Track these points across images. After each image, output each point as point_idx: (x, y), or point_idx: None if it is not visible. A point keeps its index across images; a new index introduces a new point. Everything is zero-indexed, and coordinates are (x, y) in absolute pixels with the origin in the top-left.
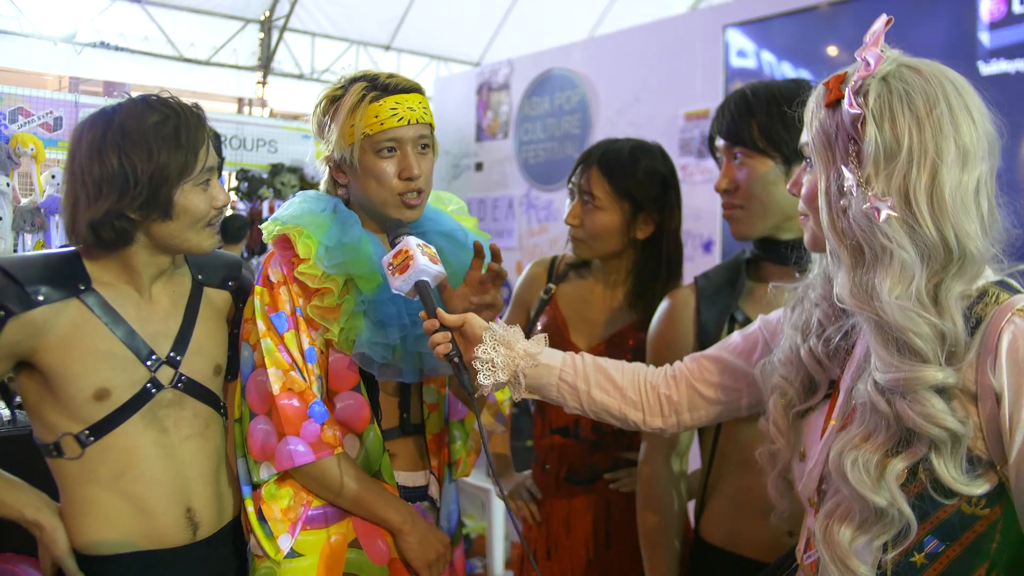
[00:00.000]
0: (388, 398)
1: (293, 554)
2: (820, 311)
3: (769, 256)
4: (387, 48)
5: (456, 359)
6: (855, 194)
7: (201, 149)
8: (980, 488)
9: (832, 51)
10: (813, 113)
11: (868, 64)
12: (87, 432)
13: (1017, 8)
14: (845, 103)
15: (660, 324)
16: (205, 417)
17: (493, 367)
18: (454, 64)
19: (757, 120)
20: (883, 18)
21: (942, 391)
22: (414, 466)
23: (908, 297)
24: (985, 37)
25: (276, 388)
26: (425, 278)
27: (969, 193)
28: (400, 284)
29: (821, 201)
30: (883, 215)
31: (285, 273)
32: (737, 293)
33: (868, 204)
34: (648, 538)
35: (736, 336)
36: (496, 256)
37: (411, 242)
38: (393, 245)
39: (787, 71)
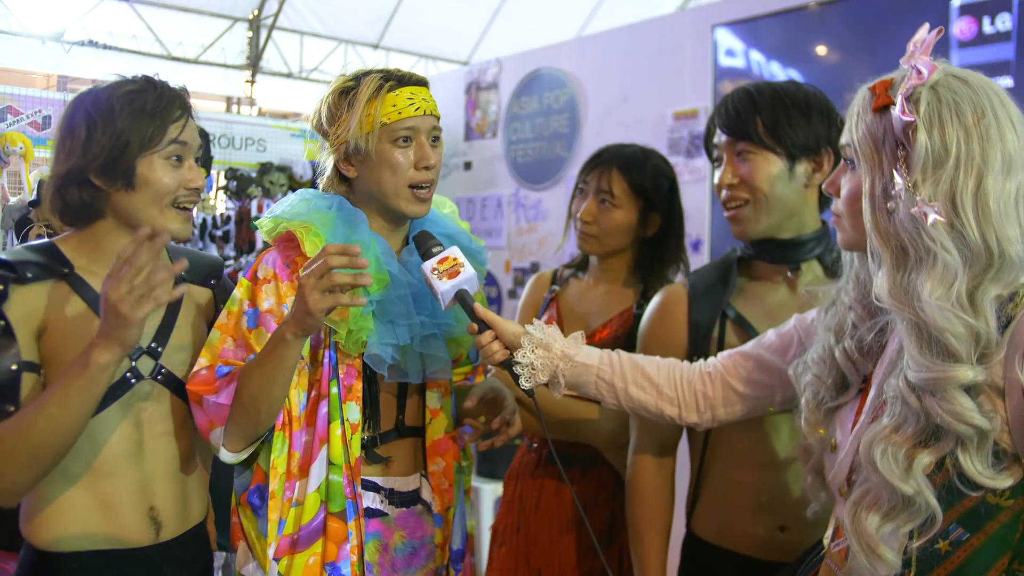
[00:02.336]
0: (387, 399)
1: None
2: (854, 314)
3: (761, 255)
4: (375, 47)
5: (513, 365)
6: (903, 198)
7: (172, 124)
8: (1005, 482)
9: (821, 51)
10: (859, 116)
11: (920, 73)
12: None
13: (987, 28)
14: (897, 110)
15: (652, 320)
16: (182, 415)
17: (533, 370)
18: (443, 63)
19: (762, 116)
20: (925, 28)
21: (970, 388)
22: (407, 470)
23: (948, 298)
24: (955, 57)
25: (193, 369)
26: (466, 287)
27: (1011, 200)
28: (447, 289)
29: (865, 203)
30: (930, 219)
31: (278, 272)
32: (729, 290)
33: (916, 208)
34: (635, 529)
35: (771, 333)
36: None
37: (457, 250)
38: (428, 255)
39: (776, 71)
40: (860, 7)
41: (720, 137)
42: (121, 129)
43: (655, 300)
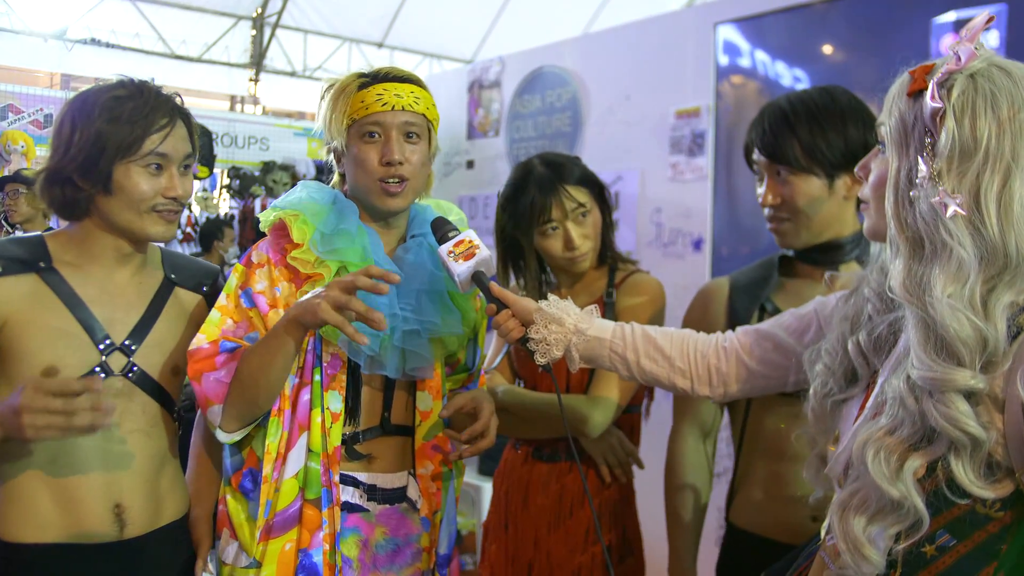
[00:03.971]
0: (373, 394)
1: (254, 563)
2: (871, 305)
3: (801, 257)
4: (380, 45)
5: (527, 342)
6: (925, 186)
7: (154, 134)
8: (994, 493)
9: (826, 49)
10: (894, 100)
11: (959, 59)
12: None
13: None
14: (927, 95)
15: (694, 309)
16: (153, 415)
17: (547, 345)
18: (447, 61)
19: (799, 138)
20: (984, 14)
21: (969, 395)
22: (393, 467)
23: (960, 298)
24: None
25: (192, 345)
26: (482, 268)
27: None
28: (463, 270)
29: (889, 189)
30: (950, 211)
31: (270, 256)
32: (769, 286)
33: (937, 198)
34: (671, 513)
35: (789, 314)
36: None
37: (472, 233)
38: (445, 239)
39: (780, 69)
40: (865, 4)
41: (759, 156)
42: (98, 134)
43: (699, 292)
